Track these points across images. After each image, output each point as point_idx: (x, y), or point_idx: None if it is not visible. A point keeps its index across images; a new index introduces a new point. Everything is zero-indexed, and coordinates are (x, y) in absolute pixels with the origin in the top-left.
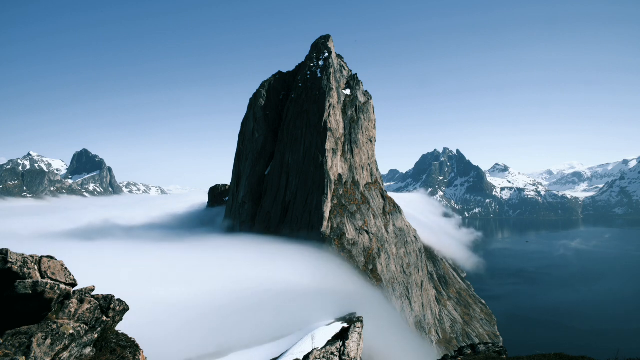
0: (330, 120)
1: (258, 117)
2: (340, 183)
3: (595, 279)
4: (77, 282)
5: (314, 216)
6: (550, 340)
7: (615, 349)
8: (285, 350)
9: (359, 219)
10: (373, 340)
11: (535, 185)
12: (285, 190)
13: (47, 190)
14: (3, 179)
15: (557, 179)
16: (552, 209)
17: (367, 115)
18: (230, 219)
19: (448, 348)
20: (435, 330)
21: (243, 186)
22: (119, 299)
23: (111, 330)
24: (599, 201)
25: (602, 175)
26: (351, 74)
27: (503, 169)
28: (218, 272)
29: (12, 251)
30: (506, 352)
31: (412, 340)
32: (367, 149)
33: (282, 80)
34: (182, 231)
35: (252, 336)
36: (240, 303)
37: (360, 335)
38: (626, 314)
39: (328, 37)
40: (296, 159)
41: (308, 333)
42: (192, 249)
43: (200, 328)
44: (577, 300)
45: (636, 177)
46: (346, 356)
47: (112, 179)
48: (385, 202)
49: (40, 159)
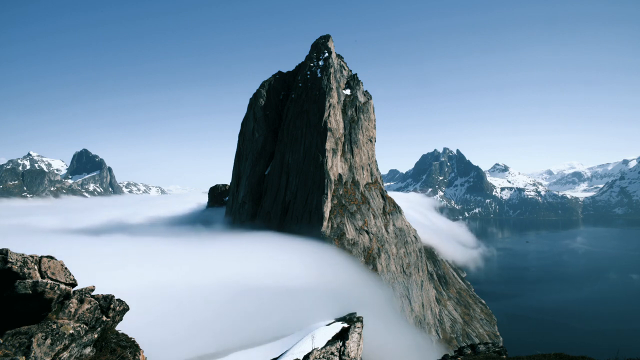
0: (330, 120)
1: (258, 117)
2: (340, 183)
3: (596, 278)
4: (77, 282)
5: (313, 216)
6: (550, 340)
7: (615, 349)
8: (285, 350)
9: (359, 219)
10: (373, 340)
11: (535, 185)
12: (285, 190)
13: (47, 190)
14: (3, 179)
15: (557, 179)
16: (552, 209)
17: (367, 115)
18: (230, 218)
19: (448, 348)
20: (435, 330)
21: (243, 186)
22: (119, 299)
23: (111, 330)
24: (599, 201)
25: (602, 175)
26: (351, 74)
27: (503, 169)
28: (218, 271)
29: (12, 251)
30: (506, 352)
31: (413, 340)
32: (367, 149)
33: (282, 80)
34: (182, 229)
35: (252, 336)
36: (241, 303)
37: (360, 335)
38: (626, 314)
39: (328, 37)
40: (296, 159)
41: (308, 333)
42: (192, 246)
43: (200, 328)
44: (577, 300)
45: (636, 177)
46: (346, 356)
47: (112, 179)
48: (385, 202)
49: (40, 159)
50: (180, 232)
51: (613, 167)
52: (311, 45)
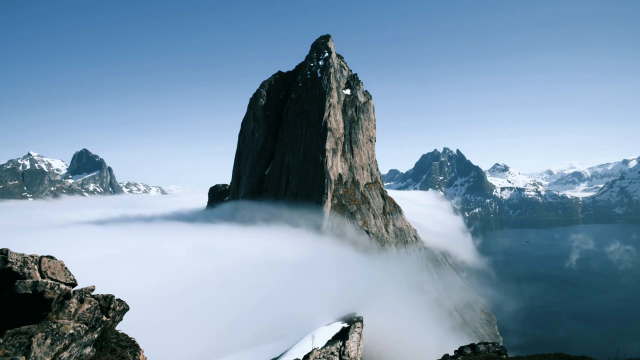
0: (330, 120)
1: (258, 117)
2: (340, 183)
3: (596, 278)
4: (77, 282)
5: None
6: (550, 340)
7: (615, 349)
8: (285, 350)
9: (359, 218)
10: (374, 340)
11: (535, 185)
12: (285, 190)
13: (47, 190)
14: (3, 179)
15: (557, 179)
16: (552, 208)
17: (367, 115)
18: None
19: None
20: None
21: (243, 186)
22: (119, 299)
23: (111, 330)
24: (599, 201)
25: (602, 175)
26: (351, 73)
27: (503, 169)
28: (217, 271)
29: (12, 251)
30: (506, 352)
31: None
32: (367, 148)
33: (282, 80)
34: (182, 229)
35: (252, 336)
36: (241, 303)
37: (360, 335)
38: (626, 314)
39: (328, 37)
40: (296, 159)
41: (308, 333)
42: (192, 246)
43: (200, 328)
44: (577, 300)
45: (636, 177)
46: (346, 356)
47: (112, 178)
48: (385, 202)
49: (40, 159)
50: (180, 232)
51: (613, 167)
52: (311, 45)
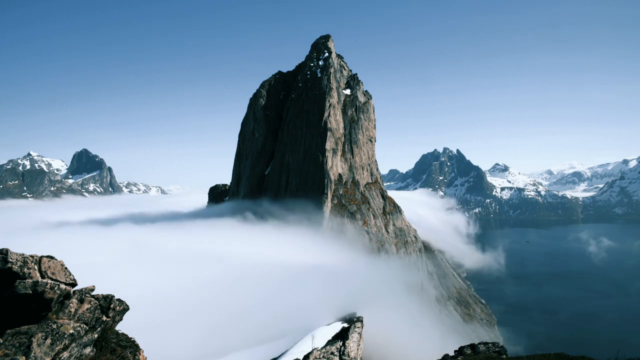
0: (330, 120)
1: (258, 117)
2: (340, 183)
3: (596, 278)
4: (77, 282)
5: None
6: (550, 340)
7: (615, 349)
8: (285, 350)
9: (359, 218)
10: (374, 340)
11: (535, 185)
12: (285, 190)
13: (47, 190)
14: (3, 179)
15: (557, 179)
16: (552, 208)
17: (367, 115)
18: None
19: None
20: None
21: (243, 186)
22: (119, 299)
23: (111, 330)
24: (599, 201)
25: (602, 175)
26: (351, 73)
27: (503, 169)
28: (217, 271)
29: (12, 251)
30: (506, 352)
31: (413, 339)
32: (367, 148)
33: (282, 80)
34: (182, 228)
35: (252, 336)
36: (240, 302)
37: (360, 335)
38: (626, 314)
39: (328, 37)
40: (296, 159)
41: (308, 333)
42: (192, 246)
43: (200, 328)
44: (577, 300)
45: (636, 177)
46: (346, 356)
47: (112, 178)
48: (385, 202)
49: (40, 159)
50: (180, 232)
51: (613, 167)
52: (311, 45)
